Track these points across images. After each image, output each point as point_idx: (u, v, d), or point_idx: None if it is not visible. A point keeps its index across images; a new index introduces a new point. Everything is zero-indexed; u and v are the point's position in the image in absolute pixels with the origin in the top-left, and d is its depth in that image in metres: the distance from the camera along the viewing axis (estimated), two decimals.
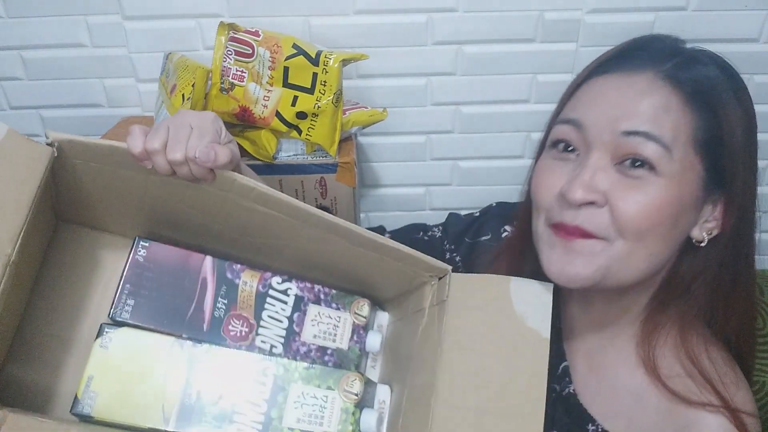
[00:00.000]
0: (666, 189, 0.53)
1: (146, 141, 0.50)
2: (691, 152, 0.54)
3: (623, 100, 0.54)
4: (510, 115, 1.06)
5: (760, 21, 0.98)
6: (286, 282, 0.60)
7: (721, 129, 0.54)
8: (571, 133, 0.57)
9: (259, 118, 0.82)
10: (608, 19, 0.98)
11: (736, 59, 0.58)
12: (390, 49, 0.99)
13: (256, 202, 0.53)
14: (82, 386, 0.53)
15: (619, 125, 0.53)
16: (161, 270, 0.57)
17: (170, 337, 0.56)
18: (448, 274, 0.55)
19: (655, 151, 0.52)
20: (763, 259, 1.16)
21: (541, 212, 0.59)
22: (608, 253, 0.54)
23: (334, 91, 0.80)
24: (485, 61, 1.01)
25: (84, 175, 0.55)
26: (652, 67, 0.55)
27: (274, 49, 0.81)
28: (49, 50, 1.00)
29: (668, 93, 0.54)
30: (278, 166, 0.84)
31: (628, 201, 0.53)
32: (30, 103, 1.05)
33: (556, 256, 0.56)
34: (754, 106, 0.57)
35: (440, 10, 0.97)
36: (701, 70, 0.56)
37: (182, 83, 0.79)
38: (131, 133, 0.51)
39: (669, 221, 0.54)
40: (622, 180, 0.53)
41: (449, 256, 0.81)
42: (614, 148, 0.54)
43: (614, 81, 0.56)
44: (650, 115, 0.53)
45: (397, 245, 0.54)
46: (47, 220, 0.59)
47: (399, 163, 1.11)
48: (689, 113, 0.54)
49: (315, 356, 0.59)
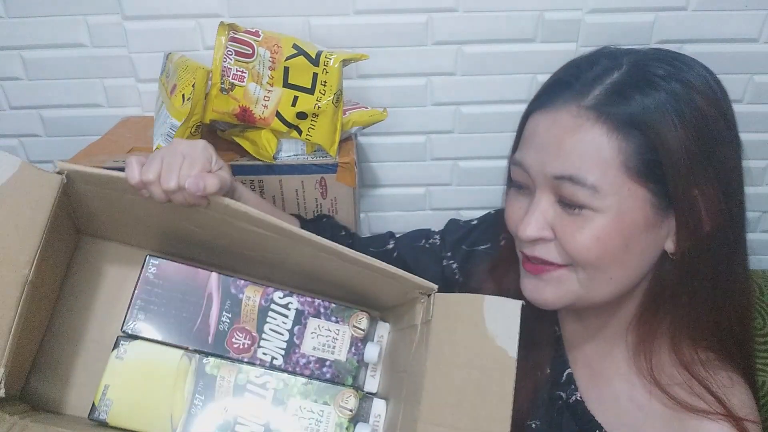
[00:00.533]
0: (607, 222, 0.53)
1: (142, 172, 0.54)
2: (626, 181, 0.52)
3: (550, 141, 0.55)
4: (510, 115, 1.06)
5: (760, 21, 0.98)
6: (287, 297, 0.62)
7: (657, 151, 0.52)
8: (520, 173, 0.59)
9: (259, 119, 0.82)
10: (608, 19, 0.98)
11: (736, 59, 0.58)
12: (390, 49, 1.00)
13: (249, 224, 0.57)
14: (99, 394, 0.58)
15: (548, 168, 0.55)
16: (170, 286, 0.61)
17: (180, 350, 0.60)
18: (433, 293, 0.57)
19: (584, 194, 0.53)
20: (763, 259, 1.17)
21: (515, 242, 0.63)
22: (572, 278, 0.57)
23: (335, 91, 0.80)
24: (485, 61, 1.01)
25: (94, 198, 0.59)
26: (574, 100, 0.54)
27: (274, 49, 0.81)
28: (49, 50, 1.00)
29: (591, 126, 0.52)
30: (278, 166, 0.84)
31: (574, 236, 0.55)
32: (30, 103, 1.05)
33: (529, 283, 0.60)
34: (754, 106, 0.57)
35: (440, 10, 0.97)
36: (623, 92, 0.53)
37: (182, 83, 0.79)
38: (128, 164, 0.55)
39: (618, 250, 0.54)
40: (565, 216, 0.55)
41: (446, 263, 0.81)
42: (551, 189, 0.56)
43: (543, 119, 0.56)
44: (575, 155, 0.53)
45: (384, 266, 0.57)
46: (67, 236, 0.64)
47: (399, 163, 1.11)
48: (615, 142, 0.52)
49: (314, 368, 0.61)
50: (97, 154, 0.87)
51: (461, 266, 0.79)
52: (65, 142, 1.07)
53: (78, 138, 1.06)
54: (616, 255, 0.55)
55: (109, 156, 0.86)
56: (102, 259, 0.67)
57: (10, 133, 1.08)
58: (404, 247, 0.83)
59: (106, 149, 0.89)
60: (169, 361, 0.59)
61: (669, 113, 0.52)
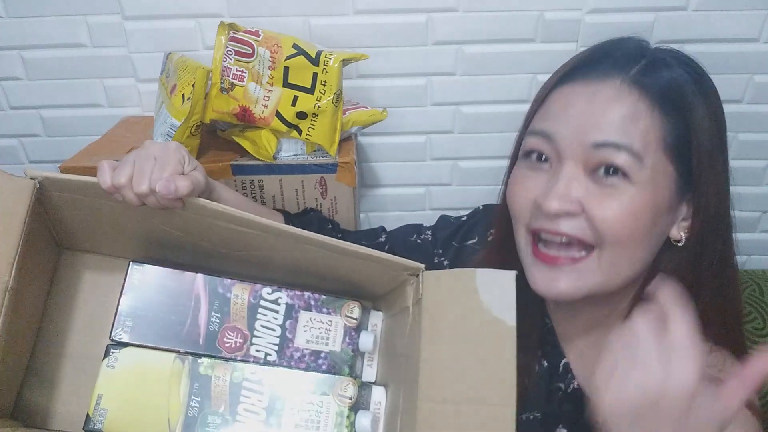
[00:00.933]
0: (640, 195, 0.53)
1: (113, 176, 0.54)
2: (662, 157, 0.54)
3: (591, 111, 0.54)
4: (510, 115, 1.06)
5: (760, 21, 0.98)
6: (276, 292, 0.62)
7: (690, 131, 0.54)
8: (543, 144, 0.57)
9: (259, 118, 0.82)
10: (608, 19, 0.98)
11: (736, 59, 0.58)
12: (390, 49, 1.00)
13: (229, 223, 0.56)
14: (93, 404, 0.57)
15: (588, 137, 0.54)
16: (155, 291, 0.60)
17: (171, 353, 0.59)
18: (421, 272, 0.56)
19: (627, 160, 0.53)
20: (764, 259, 1.17)
21: (520, 222, 0.60)
22: (593, 266, 0.55)
23: (335, 91, 0.80)
24: (485, 61, 1.01)
25: (70, 205, 0.59)
26: (617, 74, 0.55)
27: (274, 49, 0.81)
28: (49, 50, 1.00)
29: (635, 99, 0.54)
30: (278, 166, 0.84)
31: (604, 209, 0.53)
32: (30, 103, 1.05)
33: (541, 274, 0.57)
34: (754, 106, 0.57)
35: (440, 10, 0.97)
36: (667, 72, 0.55)
37: (182, 83, 0.79)
38: (100, 168, 0.54)
39: (646, 226, 0.54)
40: (596, 189, 0.54)
41: (437, 260, 0.80)
42: (586, 159, 0.54)
43: (581, 90, 0.56)
44: (619, 124, 0.53)
45: (369, 251, 0.56)
46: (48, 249, 0.64)
47: (399, 163, 1.11)
48: (658, 118, 0.54)
49: (309, 360, 0.61)
50: (97, 154, 0.87)
51: (452, 262, 0.80)
52: (65, 142, 1.07)
53: (78, 138, 1.06)
54: (643, 232, 0.54)
55: (109, 156, 0.86)
56: (85, 272, 0.66)
57: (10, 133, 1.08)
58: (396, 241, 0.83)
59: (106, 149, 0.89)
60: (162, 364, 0.59)
61: (698, 95, 0.55)
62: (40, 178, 0.55)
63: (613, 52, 0.58)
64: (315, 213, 0.87)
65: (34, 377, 0.63)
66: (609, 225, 0.53)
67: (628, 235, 0.54)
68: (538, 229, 0.57)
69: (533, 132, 0.58)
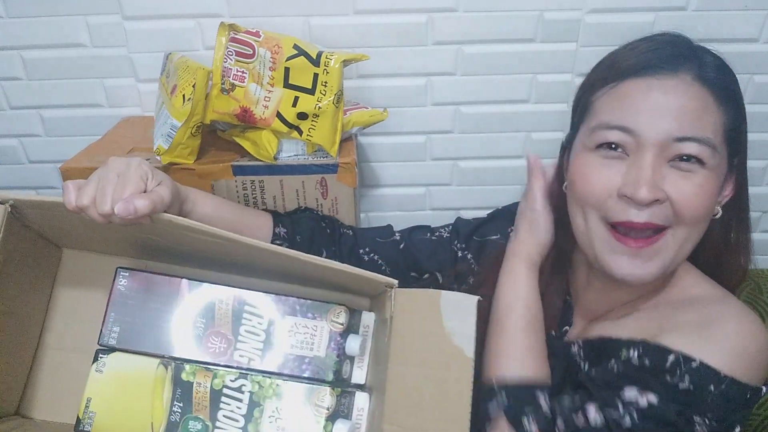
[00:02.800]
0: (711, 178, 0.58)
1: (77, 197, 0.54)
2: (724, 146, 0.59)
3: (669, 105, 0.57)
4: (510, 115, 1.06)
5: (760, 21, 0.98)
6: (260, 297, 0.63)
7: (742, 119, 0.61)
8: (620, 136, 0.59)
9: (259, 119, 0.82)
10: (608, 19, 0.98)
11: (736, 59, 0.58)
12: (390, 49, 1.00)
13: (200, 235, 0.56)
14: (82, 407, 0.59)
15: (670, 131, 0.57)
16: (142, 297, 0.61)
17: (156, 359, 0.60)
18: (394, 289, 0.57)
19: (704, 151, 0.57)
20: (763, 259, 1.17)
21: (592, 210, 0.61)
22: (670, 245, 0.59)
23: (335, 91, 0.80)
24: (485, 61, 1.01)
25: (48, 218, 0.60)
26: (686, 70, 0.58)
27: (274, 49, 0.81)
28: (49, 50, 1.00)
29: (705, 94, 0.58)
30: (279, 166, 0.84)
31: (685, 191, 0.57)
32: (30, 103, 1.04)
33: (625, 261, 0.59)
34: (754, 106, 0.59)
35: (440, 10, 0.97)
36: (720, 68, 0.60)
37: (183, 84, 0.79)
38: (65, 189, 0.55)
39: (713, 204, 0.60)
40: (676, 174, 0.58)
41: (461, 254, 0.82)
42: (665, 150, 0.57)
43: (655, 85, 0.58)
44: (695, 118, 0.57)
45: (341, 267, 0.56)
46: (47, 250, 0.65)
47: (399, 163, 1.11)
48: (722, 111, 0.59)
49: (292, 366, 0.61)
50: (97, 154, 0.86)
51: (475, 256, 0.82)
52: (65, 142, 1.07)
53: (78, 138, 1.06)
54: (710, 211, 0.60)
55: (109, 156, 0.85)
56: (82, 269, 0.67)
57: (10, 133, 1.08)
58: (410, 240, 0.84)
59: (106, 149, 0.89)
60: (147, 370, 0.60)
61: (738, 85, 0.61)
62: (11, 202, 0.55)
63: (677, 48, 0.60)
64: (307, 212, 0.87)
65: (39, 373, 0.64)
66: (689, 206, 0.57)
67: (703, 214, 0.59)
68: (622, 223, 0.59)
69: (609, 126, 0.59)
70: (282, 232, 0.79)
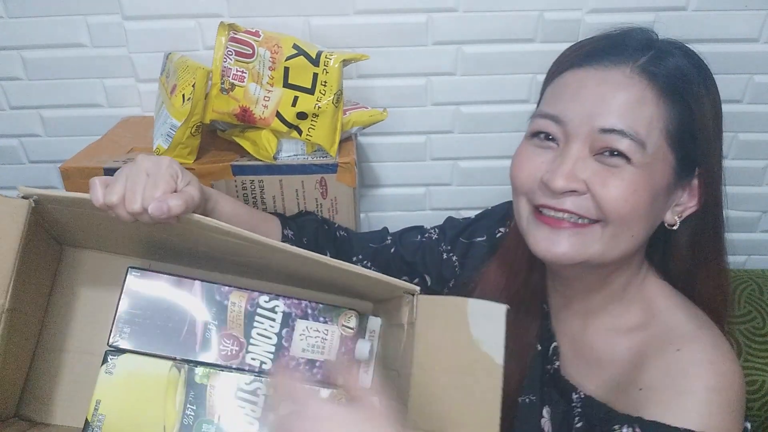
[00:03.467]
0: (640, 176, 0.56)
1: (105, 194, 0.53)
2: (663, 144, 0.56)
3: (600, 96, 0.56)
4: (510, 115, 1.06)
5: (760, 21, 0.98)
6: (273, 300, 0.62)
7: (694, 121, 0.57)
8: (551, 126, 0.59)
9: (259, 119, 0.82)
10: (608, 19, 0.98)
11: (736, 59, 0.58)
12: (390, 49, 0.99)
13: (223, 236, 0.56)
14: (91, 409, 0.58)
15: (596, 122, 0.56)
16: (153, 297, 0.61)
17: (168, 361, 0.60)
18: (416, 295, 0.56)
19: (630, 146, 0.55)
20: (764, 259, 1.17)
21: (522, 194, 0.62)
22: (597, 239, 0.58)
23: (335, 91, 0.80)
24: (485, 61, 1.01)
25: (67, 216, 0.59)
26: (627, 61, 0.57)
27: (274, 49, 0.81)
28: (49, 50, 1.00)
29: (643, 87, 0.56)
30: (279, 166, 0.84)
31: (609, 187, 0.56)
32: (30, 103, 1.04)
33: (543, 235, 0.59)
34: (754, 106, 0.58)
35: (440, 10, 0.97)
36: (674, 62, 0.58)
37: (182, 83, 0.79)
38: (92, 185, 0.54)
39: (645, 203, 0.57)
40: (600, 168, 0.56)
41: (446, 256, 0.82)
42: (592, 142, 0.57)
43: (591, 75, 0.58)
44: (625, 111, 0.55)
45: (364, 272, 0.56)
46: (48, 250, 0.64)
47: (399, 163, 1.11)
48: (663, 106, 0.56)
49: (304, 369, 0.61)
50: (97, 154, 0.87)
51: (460, 258, 0.81)
52: (65, 142, 1.07)
53: (78, 138, 1.06)
54: (644, 210, 0.57)
55: (109, 156, 0.86)
56: (86, 268, 0.66)
57: (10, 133, 1.08)
58: (401, 243, 0.84)
59: (106, 149, 0.89)
60: (159, 372, 0.59)
61: (701, 85, 0.58)
62: (35, 197, 0.55)
63: (624, 40, 0.60)
64: (310, 215, 0.87)
65: (35, 376, 0.64)
66: (612, 202, 0.56)
67: (629, 212, 0.56)
68: (541, 205, 0.59)
69: (543, 115, 0.60)
70: (290, 234, 0.79)
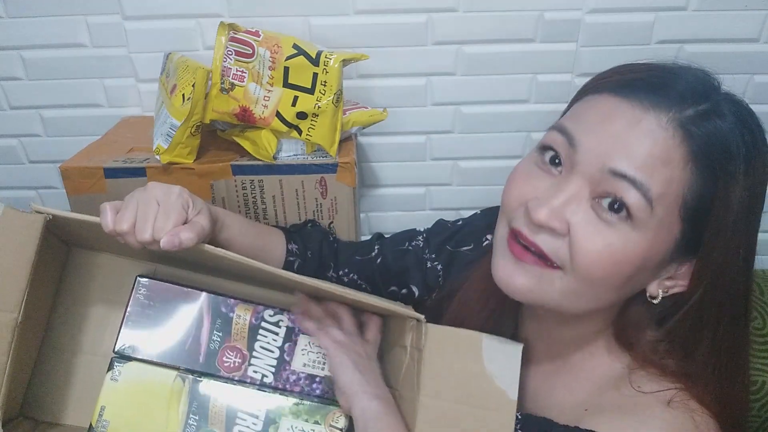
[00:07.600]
0: (634, 243, 0.49)
1: (116, 221, 0.53)
2: (674, 212, 0.49)
3: (624, 137, 0.49)
4: (510, 115, 1.06)
5: (760, 21, 0.98)
6: (278, 314, 0.63)
7: (716, 198, 0.49)
8: (562, 145, 0.52)
9: (259, 118, 0.82)
10: (608, 19, 0.98)
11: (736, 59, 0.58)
12: (390, 49, 0.99)
13: (239, 265, 0.56)
14: (96, 415, 0.59)
15: (609, 161, 0.49)
16: (160, 306, 0.61)
17: (173, 371, 0.60)
18: (423, 323, 0.56)
19: (637, 200, 0.48)
20: (763, 259, 1.17)
21: (505, 215, 0.57)
22: (554, 283, 0.52)
23: (335, 91, 0.80)
24: (485, 61, 1.01)
25: (78, 230, 0.60)
26: (669, 109, 0.49)
27: (274, 49, 0.81)
28: (49, 50, 1.00)
29: (676, 144, 0.48)
30: (278, 166, 0.84)
31: (591, 242, 0.49)
32: (30, 103, 1.04)
33: (504, 263, 0.54)
34: (755, 106, 0.54)
35: (440, 10, 0.97)
36: (720, 127, 0.49)
37: (182, 83, 0.79)
38: (102, 211, 0.53)
39: (623, 275, 0.50)
40: (592, 218, 0.50)
41: (430, 265, 0.78)
42: (596, 182, 0.50)
43: (624, 110, 0.50)
44: (645, 162, 0.48)
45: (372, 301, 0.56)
46: (56, 248, 0.64)
47: (399, 163, 1.11)
48: (688, 172, 0.49)
49: (303, 384, 0.62)
50: (97, 154, 0.87)
51: (445, 267, 0.78)
52: (65, 142, 1.07)
53: (78, 138, 1.05)
54: (619, 279, 0.50)
55: (109, 156, 0.86)
56: (94, 270, 0.67)
57: (10, 133, 1.08)
58: (388, 252, 0.81)
59: (106, 149, 0.89)
60: (163, 381, 0.60)
61: (741, 163, 0.49)
62: (49, 217, 0.55)
63: (674, 81, 0.51)
64: (315, 227, 0.86)
65: (41, 376, 0.64)
66: (585, 258, 0.49)
67: (600, 277, 0.50)
68: (516, 231, 0.53)
69: (560, 129, 0.53)
70: (294, 248, 0.78)
